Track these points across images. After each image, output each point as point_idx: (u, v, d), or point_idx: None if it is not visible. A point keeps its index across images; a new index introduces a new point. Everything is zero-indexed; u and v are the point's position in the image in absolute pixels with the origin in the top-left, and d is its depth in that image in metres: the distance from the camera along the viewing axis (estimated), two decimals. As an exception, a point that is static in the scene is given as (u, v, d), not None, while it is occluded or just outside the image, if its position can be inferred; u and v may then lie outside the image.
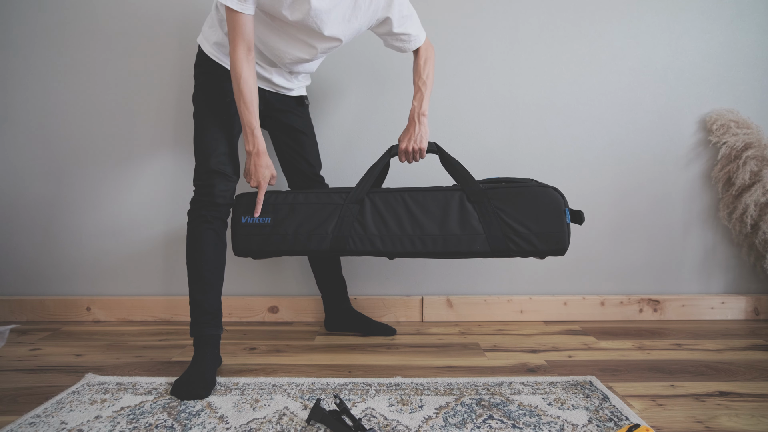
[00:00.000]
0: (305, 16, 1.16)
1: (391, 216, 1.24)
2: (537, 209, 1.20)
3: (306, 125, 1.48)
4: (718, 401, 1.08)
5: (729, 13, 1.71)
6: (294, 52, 1.26)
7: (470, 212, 1.23)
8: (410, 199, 1.25)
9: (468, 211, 1.23)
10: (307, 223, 1.25)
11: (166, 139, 1.72)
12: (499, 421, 0.98)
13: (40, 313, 1.73)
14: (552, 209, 1.20)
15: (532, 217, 1.20)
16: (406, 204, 1.25)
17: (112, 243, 1.74)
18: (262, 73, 1.31)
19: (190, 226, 1.24)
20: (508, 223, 1.21)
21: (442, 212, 1.23)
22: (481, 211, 1.22)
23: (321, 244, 1.25)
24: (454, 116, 1.73)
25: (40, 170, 1.72)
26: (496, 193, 1.22)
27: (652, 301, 1.75)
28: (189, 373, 1.16)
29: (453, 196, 1.24)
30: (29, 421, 0.99)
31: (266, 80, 1.33)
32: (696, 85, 1.73)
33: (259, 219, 1.25)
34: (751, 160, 1.64)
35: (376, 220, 1.24)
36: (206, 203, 1.22)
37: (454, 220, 1.22)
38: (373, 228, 1.24)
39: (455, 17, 1.70)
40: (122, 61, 1.70)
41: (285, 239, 1.25)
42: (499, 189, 1.23)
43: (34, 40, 1.69)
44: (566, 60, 1.72)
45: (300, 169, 1.47)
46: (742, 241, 1.74)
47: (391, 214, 1.24)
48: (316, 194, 1.28)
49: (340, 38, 1.25)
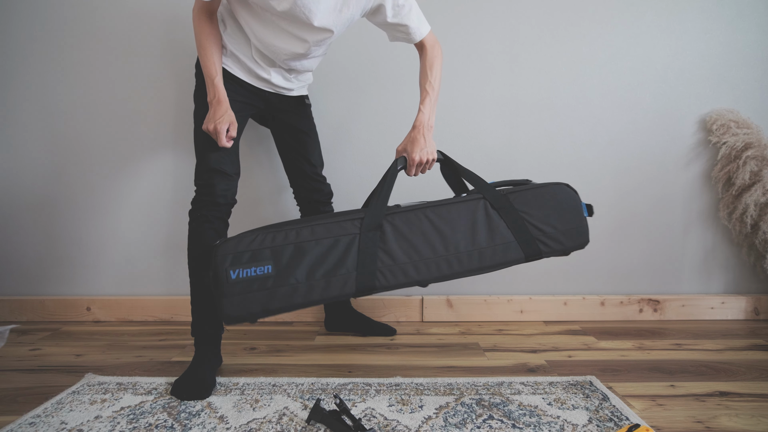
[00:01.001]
0: (292, 5, 1.14)
1: (418, 239, 1.10)
2: (559, 207, 1.17)
3: (308, 125, 1.48)
4: (718, 401, 1.08)
5: (729, 13, 1.71)
6: (287, 46, 1.25)
7: (496, 220, 1.14)
8: (435, 215, 1.12)
9: (494, 219, 1.14)
10: (321, 265, 1.04)
11: (166, 139, 1.72)
12: (499, 421, 0.98)
13: (40, 313, 1.73)
14: (572, 205, 1.18)
15: (555, 216, 1.17)
16: (432, 222, 1.11)
17: (112, 243, 1.74)
18: (262, 73, 1.31)
19: (192, 226, 1.24)
20: (535, 225, 1.15)
21: (471, 225, 1.13)
22: (507, 217, 1.15)
23: (344, 287, 1.05)
24: (454, 116, 1.73)
25: (40, 170, 1.72)
26: (518, 197, 1.16)
27: (652, 301, 1.75)
28: (189, 373, 1.16)
29: (477, 206, 1.14)
30: (29, 421, 0.99)
31: (266, 81, 1.33)
32: (696, 85, 1.73)
33: (256, 269, 1.02)
34: (751, 160, 1.64)
35: (404, 245, 1.09)
36: (207, 203, 1.22)
37: (483, 232, 1.13)
38: (402, 256, 1.08)
39: (455, 17, 1.70)
40: (122, 60, 1.70)
41: (297, 290, 1.02)
42: (519, 192, 1.17)
43: (35, 40, 1.69)
44: (566, 60, 1.72)
45: (302, 169, 1.48)
46: (742, 241, 1.74)
47: (419, 237, 1.10)
48: (325, 226, 1.07)
49: (331, 29, 1.23)
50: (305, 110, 1.48)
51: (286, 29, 1.22)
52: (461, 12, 1.70)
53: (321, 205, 1.52)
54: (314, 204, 1.52)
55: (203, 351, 1.21)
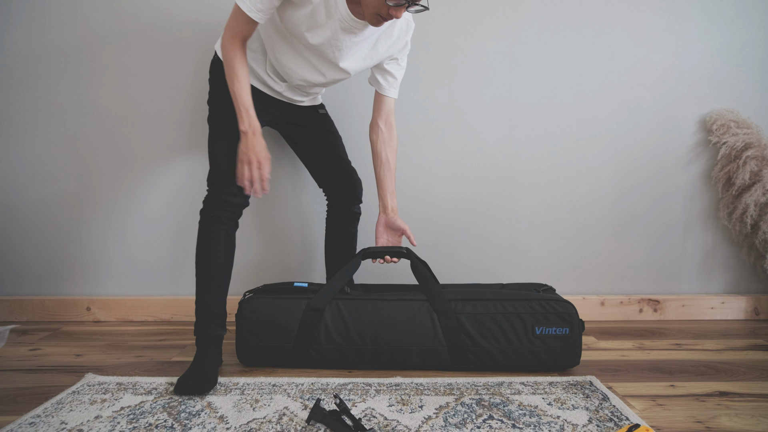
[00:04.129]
0: (326, 42, 1.18)
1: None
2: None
3: (328, 125, 1.50)
4: (718, 401, 1.08)
5: (729, 13, 1.71)
6: (303, 73, 1.28)
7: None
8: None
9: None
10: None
11: (166, 140, 1.71)
12: (499, 421, 0.98)
13: (40, 313, 1.73)
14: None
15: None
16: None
17: (113, 243, 1.74)
18: (274, 86, 1.33)
19: (202, 226, 1.24)
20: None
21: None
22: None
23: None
24: (454, 116, 1.73)
25: (40, 170, 1.72)
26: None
27: (652, 301, 1.75)
28: (191, 370, 1.16)
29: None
30: (29, 421, 0.98)
31: (277, 93, 1.36)
32: (696, 85, 1.73)
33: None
34: (751, 160, 1.64)
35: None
36: (220, 203, 1.22)
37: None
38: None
39: (455, 17, 1.70)
40: (122, 60, 1.69)
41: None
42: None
43: (35, 40, 1.69)
44: (566, 60, 1.72)
45: (331, 163, 1.49)
46: (742, 241, 1.74)
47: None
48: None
49: (350, 73, 1.29)
50: (321, 116, 1.50)
51: (309, 59, 1.25)
52: (461, 12, 1.70)
53: (351, 205, 1.51)
54: (344, 205, 1.51)
55: (206, 350, 1.21)
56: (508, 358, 1.23)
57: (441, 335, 1.23)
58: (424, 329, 1.23)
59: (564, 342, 1.22)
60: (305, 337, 1.24)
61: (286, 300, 1.26)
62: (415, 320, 1.23)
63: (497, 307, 1.24)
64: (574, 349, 1.23)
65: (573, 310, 1.23)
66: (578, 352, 1.23)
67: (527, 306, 1.24)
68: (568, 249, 1.77)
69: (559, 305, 1.23)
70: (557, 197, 1.76)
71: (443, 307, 1.24)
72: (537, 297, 1.25)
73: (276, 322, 1.24)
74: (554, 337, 1.22)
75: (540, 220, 1.76)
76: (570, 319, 1.22)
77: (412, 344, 1.23)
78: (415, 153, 1.73)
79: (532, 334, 1.22)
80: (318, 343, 1.24)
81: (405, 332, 1.23)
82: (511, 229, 1.76)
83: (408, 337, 1.23)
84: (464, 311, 1.24)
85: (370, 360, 1.24)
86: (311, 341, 1.24)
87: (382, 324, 1.23)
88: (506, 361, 1.23)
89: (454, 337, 1.23)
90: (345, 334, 1.24)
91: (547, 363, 1.23)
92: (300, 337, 1.24)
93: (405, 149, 1.72)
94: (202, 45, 1.67)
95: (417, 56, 1.69)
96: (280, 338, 1.24)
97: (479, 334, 1.23)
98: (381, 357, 1.24)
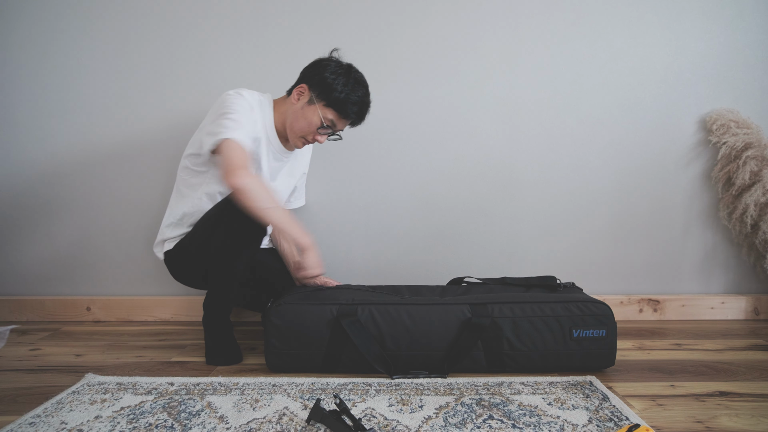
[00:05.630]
0: (256, 170, 1.32)
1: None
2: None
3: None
4: (718, 401, 1.08)
5: (729, 13, 1.71)
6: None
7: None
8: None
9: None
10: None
11: (165, 140, 1.71)
12: (499, 421, 0.98)
13: (40, 313, 1.73)
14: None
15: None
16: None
17: (112, 243, 1.74)
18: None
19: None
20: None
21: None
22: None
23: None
24: (454, 116, 1.73)
25: (40, 170, 1.72)
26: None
27: (652, 301, 1.75)
28: (216, 344, 1.32)
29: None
30: (29, 421, 0.98)
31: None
32: (696, 85, 1.73)
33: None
34: (751, 160, 1.63)
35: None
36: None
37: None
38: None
39: (455, 17, 1.70)
40: (121, 61, 1.69)
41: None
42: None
43: (35, 40, 1.69)
44: (566, 60, 1.72)
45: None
46: (742, 241, 1.74)
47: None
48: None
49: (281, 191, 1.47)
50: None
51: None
52: (461, 11, 1.70)
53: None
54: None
55: (218, 330, 1.32)
56: (545, 360, 1.22)
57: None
58: (461, 334, 1.21)
59: (599, 344, 1.22)
60: (338, 344, 1.21)
61: (317, 306, 1.23)
62: (450, 325, 1.21)
63: (535, 309, 1.22)
64: (609, 351, 1.22)
65: (609, 311, 1.23)
66: (613, 353, 1.23)
67: (565, 308, 1.22)
68: (568, 249, 1.77)
69: (596, 307, 1.23)
70: (557, 197, 1.75)
71: (482, 312, 1.22)
72: (574, 299, 1.25)
73: (307, 328, 1.21)
74: (591, 339, 1.21)
75: (540, 220, 1.76)
76: (607, 321, 1.21)
77: (448, 349, 1.21)
78: (415, 153, 1.73)
79: (569, 337, 1.21)
80: (351, 350, 1.21)
81: (441, 337, 1.20)
82: (510, 228, 1.76)
83: (443, 341, 1.21)
84: (502, 315, 1.22)
85: (404, 366, 1.21)
86: (344, 348, 1.21)
87: (417, 330, 1.20)
88: (543, 363, 1.22)
89: (492, 341, 1.21)
90: (379, 340, 1.20)
91: (583, 364, 1.22)
92: (332, 344, 1.21)
93: (405, 149, 1.72)
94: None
95: (417, 56, 1.70)
96: (311, 345, 1.22)
97: (516, 338, 1.21)
98: (415, 362, 1.21)
